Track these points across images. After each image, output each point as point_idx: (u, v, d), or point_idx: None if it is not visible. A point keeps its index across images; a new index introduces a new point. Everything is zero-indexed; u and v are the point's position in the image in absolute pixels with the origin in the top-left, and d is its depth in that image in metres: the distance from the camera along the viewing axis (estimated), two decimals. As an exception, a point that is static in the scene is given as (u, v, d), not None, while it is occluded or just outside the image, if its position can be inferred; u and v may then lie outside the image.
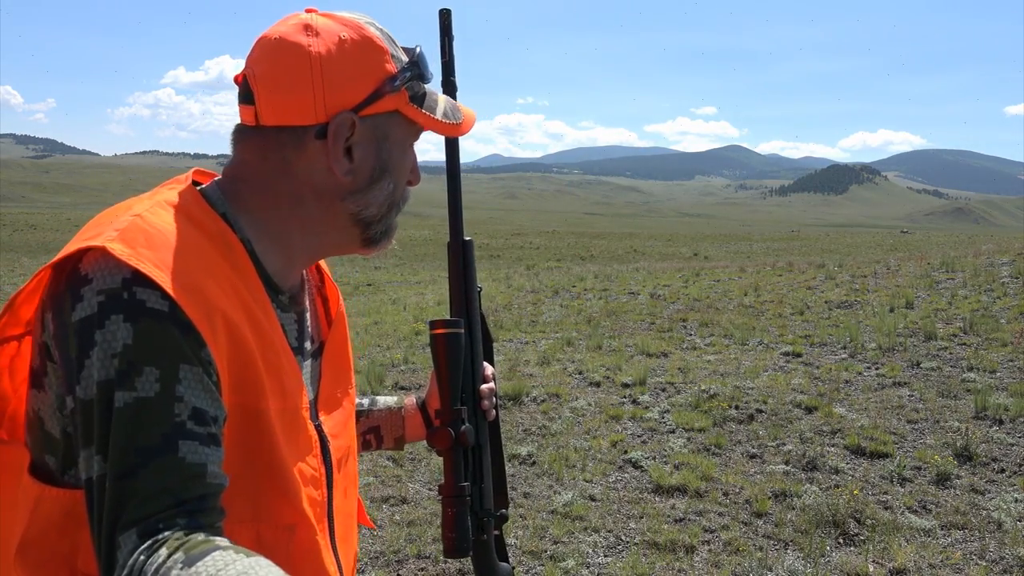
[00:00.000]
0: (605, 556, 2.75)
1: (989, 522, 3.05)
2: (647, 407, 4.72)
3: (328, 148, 0.87)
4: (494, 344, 1.22)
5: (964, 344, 6.26)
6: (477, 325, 1.14)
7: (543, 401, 4.85)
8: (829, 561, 2.72)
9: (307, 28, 0.88)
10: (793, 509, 3.17)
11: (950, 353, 6.01)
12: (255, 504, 0.86)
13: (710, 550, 2.81)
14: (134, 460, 0.72)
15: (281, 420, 0.86)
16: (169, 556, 0.67)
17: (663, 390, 5.16)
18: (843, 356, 6.15)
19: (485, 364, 1.16)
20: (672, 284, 11.78)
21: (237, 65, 0.95)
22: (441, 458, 1.04)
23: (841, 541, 2.89)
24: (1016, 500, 3.26)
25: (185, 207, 0.86)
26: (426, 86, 0.94)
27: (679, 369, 5.74)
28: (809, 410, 4.59)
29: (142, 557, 0.68)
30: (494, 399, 1.16)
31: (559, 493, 3.30)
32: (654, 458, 3.79)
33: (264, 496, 0.86)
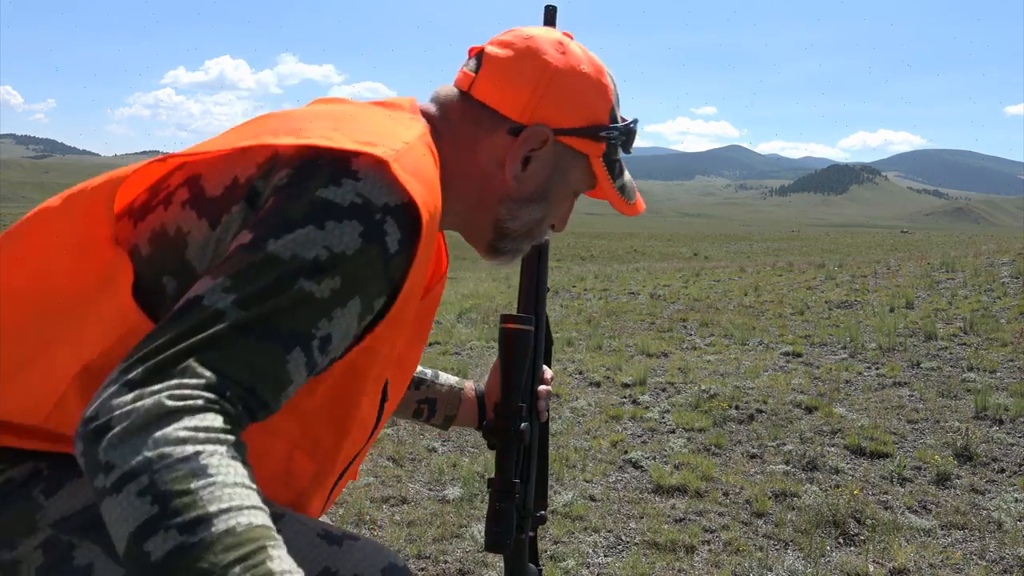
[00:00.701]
0: (605, 556, 2.75)
1: (989, 522, 3.05)
2: (647, 407, 4.72)
3: (513, 146, 0.91)
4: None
5: (964, 344, 6.26)
6: (543, 326, 1.15)
7: (543, 401, 4.86)
8: (829, 561, 2.71)
9: (559, 45, 0.92)
10: (793, 509, 3.17)
11: (950, 353, 6.02)
12: (317, 432, 0.87)
13: (710, 550, 2.81)
14: (259, 328, 0.71)
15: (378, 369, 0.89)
16: (223, 433, 0.65)
17: (663, 390, 5.16)
18: (843, 356, 6.15)
19: (544, 366, 1.17)
20: (672, 284, 11.78)
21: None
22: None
23: (841, 541, 2.89)
24: (1016, 500, 3.25)
25: (432, 152, 0.87)
26: (620, 156, 0.98)
27: (679, 369, 5.74)
28: (809, 410, 4.59)
29: (200, 403, 0.65)
30: (548, 401, 1.17)
31: (559, 493, 3.30)
32: (654, 458, 3.79)
33: (329, 429, 0.88)
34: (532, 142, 0.91)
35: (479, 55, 0.93)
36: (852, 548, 2.83)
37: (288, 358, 0.72)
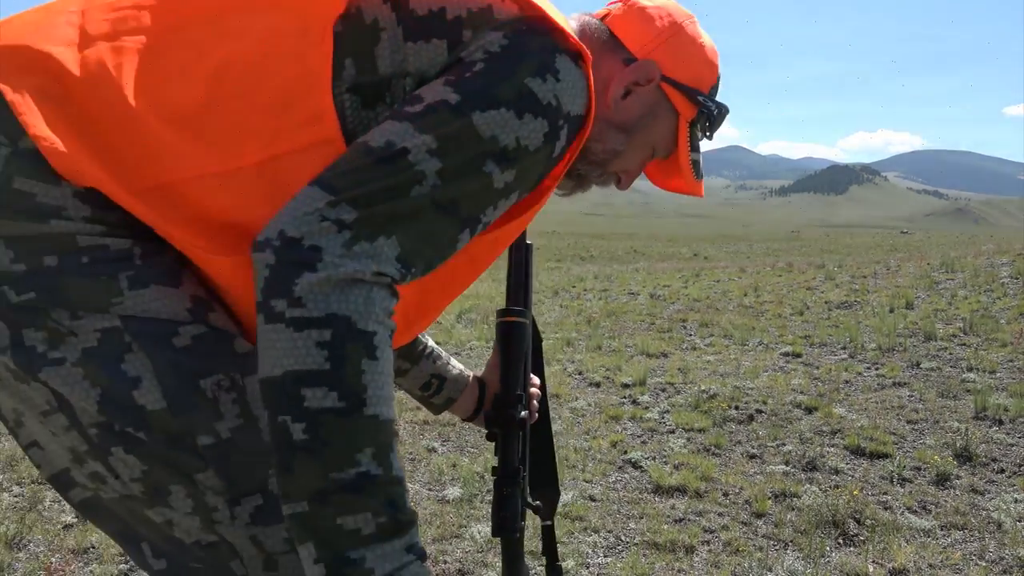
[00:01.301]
0: (605, 556, 2.75)
1: (989, 522, 3.05)
2: (647, 407, 4.72)
3: (623, 73, 0.98)
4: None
5: (964, 344, 6.26)
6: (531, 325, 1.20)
7: (543, 401, 4.85)
8: (829, 561, 2.71)
9: (691, 17, 1.03)
10: (793, 509, 3.17)
11: (950, 353, 6.02)
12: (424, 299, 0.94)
13: (710, 550, 2.81)
14: (450, 207, 0.77)
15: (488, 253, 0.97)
16: (391, 318, 0.72)
17: (663, 390, 5.16)
18: (843, 356, 6.15)
19: (533, 376, 1.22)
20: (672, 284, 11.79)
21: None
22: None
23: (841, 541, 2.89)
24: (1016, 500, 3.26)
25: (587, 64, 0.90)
26: (702, 136, 1.06)
27: (679, 369, 5.74)
28: (809, 410, 4.59)
29: (389, 280, 0.72)
30: (535, 403, 1.23)
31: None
32: (654, 458, 3.79)
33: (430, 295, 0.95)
34: (640, 74, 0.97)
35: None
36: (852, 548, 2.83)
37: (460, 237, 0.80)
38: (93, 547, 2.70)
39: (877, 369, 5.66)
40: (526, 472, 1.12)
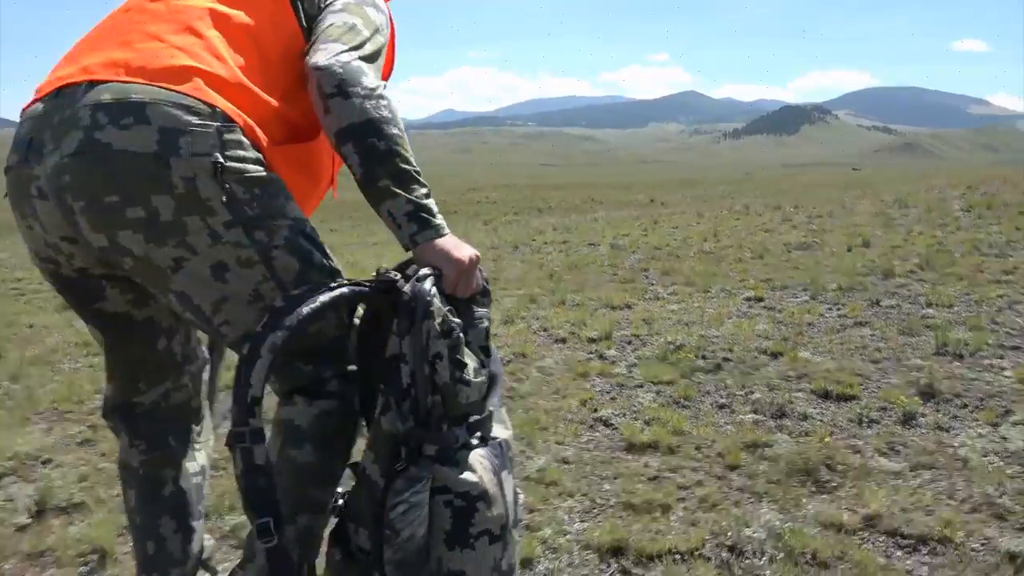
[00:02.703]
0: (581, 522, 2.71)
1: (956, 460, 3.08)
2: (614, 362, 4.68)
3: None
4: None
5: (921, 280, 6.34)
6: None
7: (510, 362, 4.78)
8: (805, 513, 2.71)
9: None
10: (765, 459, 3.17)
11: (908, 290, 6.09)
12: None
13: (686, 507, 2.78)
14: (376, 55, 1.51)
15: None
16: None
17: (629, 343, 5.13)
18: (804, 299, 6.19)
19: None
20: (631, 233, 11.76)
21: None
22: None
23: (814, 489, 2.89)
24: (980, 435, 3.30)
25: None
26: None
27: (643, 320, 5.71)
28: (775, 356, 4.60)
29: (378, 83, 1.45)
30: None
31: (532, 459, 3.25)
32: (624, 415, 3.76)
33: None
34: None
35: None
36: (825, 496, 2.83)
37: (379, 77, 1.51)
38: (50, 550, 2.57)
39: (839, 309, 5.70)
40: None
